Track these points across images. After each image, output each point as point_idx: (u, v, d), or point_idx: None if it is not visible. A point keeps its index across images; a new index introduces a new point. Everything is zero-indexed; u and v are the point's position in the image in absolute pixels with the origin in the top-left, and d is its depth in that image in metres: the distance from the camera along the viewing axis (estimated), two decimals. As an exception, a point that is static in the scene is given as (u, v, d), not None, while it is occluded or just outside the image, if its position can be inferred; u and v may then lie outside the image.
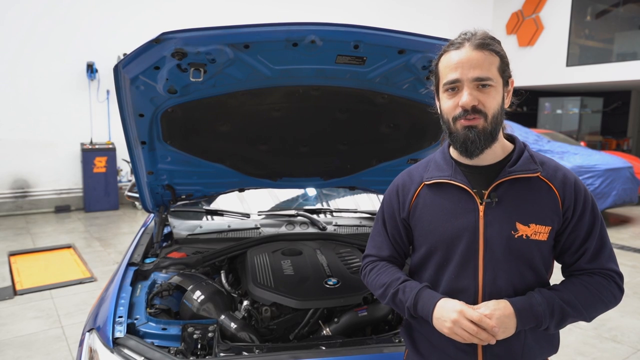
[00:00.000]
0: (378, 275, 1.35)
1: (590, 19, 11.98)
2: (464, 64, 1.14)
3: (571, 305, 1.17)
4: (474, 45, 1.15)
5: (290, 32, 1.57)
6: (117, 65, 1.68)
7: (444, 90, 1.20)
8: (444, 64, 1.19)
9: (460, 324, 1.12)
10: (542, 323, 1.16)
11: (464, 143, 1.18)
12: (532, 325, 1.16)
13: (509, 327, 1.14)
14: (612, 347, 3.45)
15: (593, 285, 1.21)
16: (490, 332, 1.11)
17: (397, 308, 1.31)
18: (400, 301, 1.27)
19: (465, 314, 1.13)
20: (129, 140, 2.05)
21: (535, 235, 1.19)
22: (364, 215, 2.89)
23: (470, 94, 1.14)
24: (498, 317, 1.12)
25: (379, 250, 1.40)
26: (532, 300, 1.16)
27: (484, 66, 1.14)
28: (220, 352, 1.61)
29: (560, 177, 1.22)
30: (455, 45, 1.17)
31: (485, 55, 1.14)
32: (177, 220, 2.60)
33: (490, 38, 1.17)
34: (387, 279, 1.32)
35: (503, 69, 1.18)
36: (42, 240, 6.02)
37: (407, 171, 1.39)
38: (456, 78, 1.15)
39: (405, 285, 1.28)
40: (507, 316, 1.13)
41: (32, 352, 3.20)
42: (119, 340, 1.59)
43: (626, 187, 7.08)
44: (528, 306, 1.15)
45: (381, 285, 1.33)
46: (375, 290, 1.36)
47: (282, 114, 2.12)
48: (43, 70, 7.47)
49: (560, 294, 1.18)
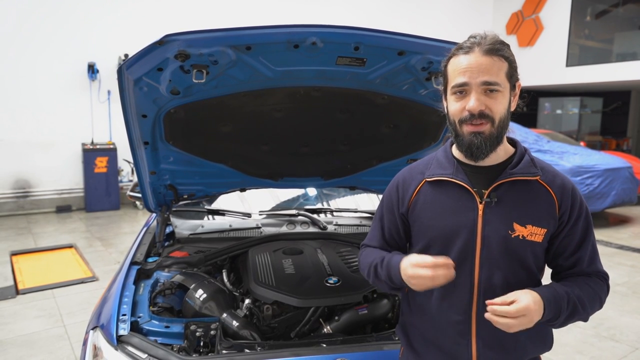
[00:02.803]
0: (366, 257, 1.42)
1: (590, 19, 11.99)
2: (472, 69, 1.16)
3: (581, 302, 1.19)
4: (483, 51, 1.16)
5: (291, 34, 1.59)
6: (120, 67, 1.70)
7: (452, 93, 1.21)
8: (453, 67, 1.21)
9: (418, 274, 1.16)
10: (559, 315, 1.16)
11: (469, 148, 1.21)
12: (551, 317, 1.15)
13: (536, 315, 1.11)
14: (611, 346, 3.47)
15: (594, 286, 1.24)
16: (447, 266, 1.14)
17: (381, 285, 1.35)
18: (380, 275, 1.32)
19: (418, 263, 1.17)
20: (132, 141, 2.07)
21: (531, 237, 1.21)
22: (364, 215, 2.91)
23: (477, 99, 1.16)
24: (528, 302, 1.10)
25: (371, 242, 1.46)
26: (555, 289, 1.17)
27: (492, 71, 1.15)
28: (222, 349, 1.64)
29: (559, 183, 1.25)
30: (465, 50, 1.18)
31: (494, 60, 1.16)
32: (179, 220, 2.62)
33: (500, 43, 1.18)
34: (371, 258, 1.38)
35: (511, 74, 1.19)
36: (44, 240, 6.04)
37: (409, 168, 1.41)
38: (464, 82, 1.17)
39: (382, 259, 1.32)
40: (536, 302, 1.12)
41: (35, 350, 3.23)
42: (123, 338, 1.61)
43: (625, 187, 7.08)
44: (553, 296, 1.15)
45: (367, 265, 1.39)
46: (364, 272, 1.41)
47: (284, 115, 2.14)
48: (44, 71, 7.49)
49: (572, 289, 1.20)
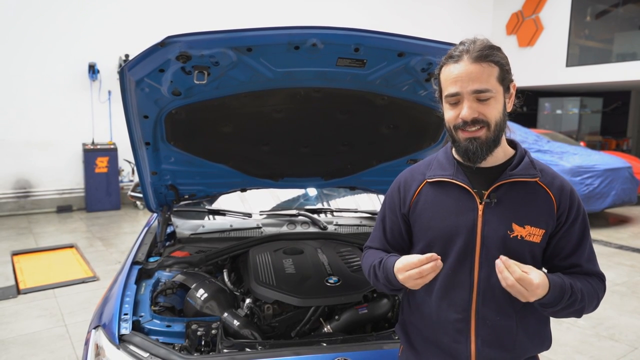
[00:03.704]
0: (367, 259, 1.44)
1: (590, 19, 11.99)
2: (462, 78, 1.17)
3: (581, 294, 1.21)
4: (472, 59, 1.17)
5: (292, 36, 1.60)
6: (122, 68, 1.71)
7: (446, 102, 1.24)
8: (444, 76, 1.23)
9: (407, 275, 1.19)
10: (561, 300, 1.17)
11: (465, 153, 1.23)
12: (550, 301, 1.16)
13: (534, 295, 1.13)
14: (610, 346, 3.48)
15: (594, 285, 1.26)
16: (431, 259, 1.17)
17: (381, 286, 1.37)
18: (379, 277, 1.34)
19: (405, 266, 1.20)
20: (134, 141, 2.09)
21: (529, 237, 1.23)
22: (364, 215, 2.92)
23: (470, 107, 1.17)
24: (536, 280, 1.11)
25: (373, 243, 1.48)
26: (560, 276, 1.20)
27: (482, 79, 1.16)
28: (223, 348, 1.65)
29: (558, 185, 1.27)
30: (454, 59, 1.19)
31: (483, 67, 1.17)
32: (180, 220, 2.63)
33: (489, 48, 1.18)
34: (371, 260, 1.40)
35: (503, 77, 1.20)
36: (45, 240, 6.05)
37: (410, 169, 1.43)
38: (456, 92, 1.19)
39: (381, 261, 1.34)
40: (541, 284, 1.13)
41: (36, 350, 3.24)
42: (125, 337, 1.63)
43: (625, 187, 7.09)
44: (559, 281, 1.17)
45: (367, 267, 1.41)
46: (366, 274, 1.43)
47: (284, 116, 2.15)
48: (45, 71, 7.50)
49: (576, 283, 1.22)
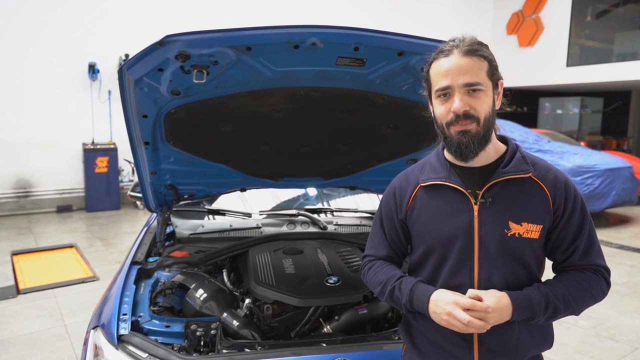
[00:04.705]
0: (376, 274, 1.40)
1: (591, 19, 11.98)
2: (453, 71, 1.18)
3: (565, 301, 1.22)
4: (462, 52, 1.18)
5: (291, 35, 1.60)
6: (121, 67, 1.70)
7: (436, 97, 1.24)
8: (435, 71, 1.23)
9: (455, 315, 1.15)
10: (535, 317, 1.21)
11: (458, 147, 1.22)
12: (525, 317, 1.21)
13: (504, 316, 1.18)
14: (611, 346, 3.47)
15: (584, 281, 1.25)
16: (484, 314, 1.14)
17: (395, 304, 1.35)
18: (397, 298, 1.31)
19: (458, 303, 1.16)
20: (133, 141, 2.08)
21: (527, 234, 1.23)
22: (364, 215, 2.91)
23: (461, 99, 1.18)
24: (496, 307, 1.15)
25: (377, 251, 1.44)
26: (530, 295, 1.20)
27: (473, 72, 1.18)
28: (222, 349, 1.64)
29: (552, 178, 1.26)
30: (445, 53, 1.21)
31: (474, 61, 1.18)
32: (180, 220, 2.63)
33: (478, 43, 1.21)
34: (384, 276, 1.36)
35: (492, 73, 1.22)
36: (45, 239, 6.05)
37: (404, 173, 1.43)
38: (447, 85, 1.19)
39: (401, 282, 1.31)
40: (505, 307, 1.17)
41: (36, 350, 3.23)
42: (124, 337, 1.62)
43: (626, 187, 7.08)
44: (526, 302, 1.19)
45: (379, 283, 1.37)
46: (374, 288, 1.40)
47: (284, 115, 2.15)
48: (45, 71, 7.50)
49: (555, 289, 1.22)
